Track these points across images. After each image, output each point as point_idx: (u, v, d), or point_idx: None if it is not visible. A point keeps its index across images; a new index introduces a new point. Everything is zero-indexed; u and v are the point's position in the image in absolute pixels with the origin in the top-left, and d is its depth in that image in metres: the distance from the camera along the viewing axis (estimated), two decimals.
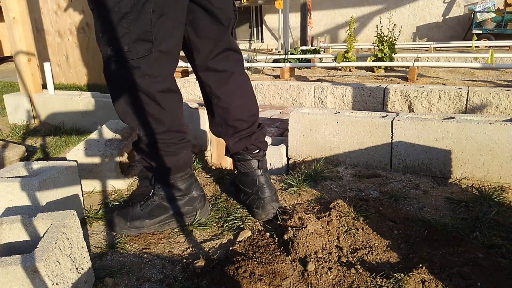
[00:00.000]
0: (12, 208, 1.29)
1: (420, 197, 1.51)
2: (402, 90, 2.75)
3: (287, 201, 1.52)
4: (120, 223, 1.34)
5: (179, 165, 1.35)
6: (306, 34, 7.24)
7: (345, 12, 8.90)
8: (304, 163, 1.94)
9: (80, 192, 1.51)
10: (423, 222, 1.31)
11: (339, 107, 3.03)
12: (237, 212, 1.46)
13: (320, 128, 1.89)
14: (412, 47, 6.77)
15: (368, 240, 1.23)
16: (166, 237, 1.34)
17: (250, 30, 10.16)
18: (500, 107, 2.49)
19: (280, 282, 1.05)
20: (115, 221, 1.35)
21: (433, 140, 1.65)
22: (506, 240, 1.18)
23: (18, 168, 1.45)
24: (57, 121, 2.86)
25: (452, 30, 7.97)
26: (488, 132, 1.55)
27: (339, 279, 1.06)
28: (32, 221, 1.04)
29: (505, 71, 4.04)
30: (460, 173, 1.63)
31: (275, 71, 4.76)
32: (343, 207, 1.36)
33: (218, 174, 1.81)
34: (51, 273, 0.89)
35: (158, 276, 1.13)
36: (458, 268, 1.06)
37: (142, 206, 1.37)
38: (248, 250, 1.21)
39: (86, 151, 1.71)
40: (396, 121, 1.71)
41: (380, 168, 1.79)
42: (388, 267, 1.10)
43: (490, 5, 7.08)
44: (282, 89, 3.23)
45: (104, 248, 1.27)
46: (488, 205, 1.39)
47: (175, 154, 1.32)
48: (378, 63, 4.19)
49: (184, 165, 1.37)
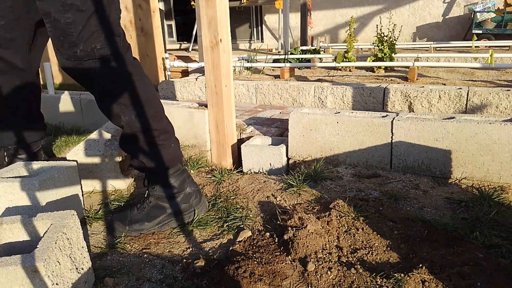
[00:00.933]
0: (12, 208, 1.29)
1: (420, 197, 1.51)
2: (402, 90, 2.75)
3: (287, 201, 1.52)
4: (119, 228, 1.34)
5: (170, 158, 1.37)
6: (306, 34, 7.24)
7: (345, 12, 8.89)
8: (304, 163, 1.94)
9: (80, 192, 1.51)
10: (423, 222, 1.31)
11: (339, 107, 3.03)
12: (237, 212, 1.46)
13: (320, 128, 1.89)
14: (412, 47, 6.77)
15: (368, 240, 1.23)
16: (166, 237, 1.34)
17: (250, 30, 10.16)
18: (500, 107, 2.49)
19: (280, 282, 1.05)
20: (114, 226, 1.35)
21: (433, 140, 1.65)
22: (506, 240, 1.18)
23: (18, 168, 1.45)
24: (57, 121, 2.86)
25: (452, 30, 7.97)
26: (488, 132, 1.55)
27: (339, 279, 1.06)
28: (32, 221, 1.04)
29: (505, 71, 4.04)
30: (460, 173, 1.63)
31: (275, 71, 4.76)
32: (343, 207, 1.36)
33: (218, 174, 1.81)
34: (51, 273, 0.89)
35: (158, 276, 1.13)
36: (458, 268, 1.06)
37: (139, 209, 1.37)
38: (248, 250, 1.21)
39: (86, 151, 1.71)
40: (396, 121, 1.71)
41: (380, 168, 1.79)
42: (388, 267, 1.10)
43: (490, 5, 7.08)
44: (282, 89, 3.22)
45: (104, 248, 1.27)
46: (488, 205, 1.39)
47: (165, 147, 1.35)
48: (378, 63, 4.19)
49: (175, 159, 1.39)
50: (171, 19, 10.40)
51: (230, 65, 1.97)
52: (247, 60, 4.68)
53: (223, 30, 1.87)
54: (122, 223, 1.35)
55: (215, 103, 1.98)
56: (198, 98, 3.69)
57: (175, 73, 4.76)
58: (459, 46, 6.25)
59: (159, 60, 4.30)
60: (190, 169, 1.92)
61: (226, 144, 2.03)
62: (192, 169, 1.93)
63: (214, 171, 1.90)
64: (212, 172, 1.89)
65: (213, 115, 2.01)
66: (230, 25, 1.91)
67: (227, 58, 1.93)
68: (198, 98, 3.69)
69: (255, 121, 2.60)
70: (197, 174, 1.89)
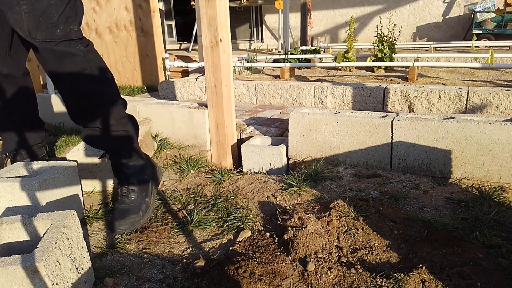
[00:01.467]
0: (12, 208, 1.29)
1: (420, 197, 1.51)
2: (402, 90, 2.75)
3: (287, 201, 1.52)
4: (120, 226, 1.36)
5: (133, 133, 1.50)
6: (306, 34, 7.24)
7: (345, 12, 8.89)
8: (304, 163, 1.94)
9: (80, 192, 1.51)
10: (423, 222, 1.31)
11: (339, 107, 3.03)
12: (237, 212, 1.46)
13: (320, 128, 1.89)
14: (412, 47, 6.77)
15: (368, 240, 1.23)
16: (166, 237, 1.34)
17: (250, 30, 10.16)
18: (500, 107, 2.48)
19: (280, 282, 1.05)
20: (115, 223, 1.37)
21: (433, 140, 1.65)
22: (506, 240, 1.18)
23: (18, 168, 1.45)
24: (57, 121, 2.86)
25: (452, 30, 7.97)
26: (488, 132, 1.55)
27: (339, 279, 1.06)
28: (32, 221, 1.04)
29: (505, 71, 4.04)
30: (460, 173, 1.63)
31: (275, 71, 4.76)
32: (343, 207, 1.36)
33: (218, 174, 1.81)
34: (51, 273, 0.89)
35: (158, 276, 1.13)
36: (458, 268, 1.06)
37: (128, 200, 1.43)
38: (248, 250, 1.21)
39: (86, 151, 1.71)
40: (396, 121, 1.71)
41: (380, 168, 1.79)
42: (388, 267, 1.10)
43: (490, 5, 7.08)
44: (282, 89, 3.22)
45: (104, 248, 1.27)
46: (488, 205, 1.39)
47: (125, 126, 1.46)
48: (378, 63, 4.19)
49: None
50: (171, 19, 10.39)
51: (230, 65, 1.97)
52: (247, 60, 4.68)
53: (223, 30, 1.87)
54: (120, 219, 1.39)
55: (215, 103, 1.98)
56: (198, 98, 3.69)
57: (175, 73, 4.76)
58: (459, 46, 6.24)
59: (159, 60, 4.30)
60: (190, 169, 1.92)
61: (226, 144, 2.03)
62: (192, 169, 1.93)
63: (214, 171, 1.90)
64: (212, 172, 1.89)
65: (213, 115, 2.01)
66: (230, 25, 1.91)
67: (227, 58, 1.93)
68: (198, 98, 3.69)
69: (255, 121, 2.60)
70: (197, 174, 1.89)
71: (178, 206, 1.55)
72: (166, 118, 2.30)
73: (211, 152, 2.13)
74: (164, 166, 2.00)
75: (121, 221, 1.35)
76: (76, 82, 1.35)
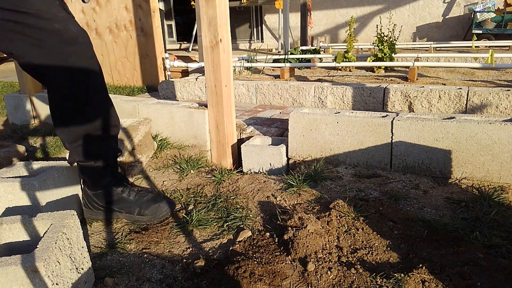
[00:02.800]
0: (12, 208, 1.29)
1: (420, 197, 1.51)
2: (402, 90, 2.75)
3: (287, 201, 1.52)
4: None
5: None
6: (306, 34, 7.24)
7: (345, 12, 8.89)
8: (304, 163, 1.94)
9: (80, 192, 1.51)
10: (423, 222, 1.31)
11: (339, 107, 3.03)
12: (237, 212, 1.46)
13: (320, 128, 1.89)
14: (412, 47, 6.77)
15: (368, 240, 1.23)
16: (166, 237, 1.34)
17: (250, 30, 10.16)
18: (500, 107, 2.48)
19: (280, 282, 1.05)
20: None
21: (433, 140, 1.65)
22: (506, 240, 1.18)
23: (18, 168, 1.45)
24: None
25: (452, 30, 7.97)
26: (488, 132, 1.55)
27: (339, 279, 1.06)
28: (32, 221, 1.04)
29: (505, 71, 4.04)
30: (460, 173, 1.63)
31: (275, 71, 4.76)
32: (343, 207, 1.36)
33: (218, 174, 1.81)
34: (51, 273, 0.89)
35: (158, 276, 1.13)
36: (458, 268, 1.06)
37: (133, 194, 1.45)
38: (248, 250, 1.21)
39: None
40: (396, 121, 1.71)
41: (380, 168, 1.79)
42: (388, 267, 1.10)
43: (490, 5, 7.08)
44: (282, 89, 3.22)
45: (104, 248, 1.27)
46: (488, 205, 1.39)
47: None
48: (378, 63, 4.19)
49: None
50: (171, 19, 10.40)
51: (230, 65, 1.97)
52: (247, 60, 4.67)
53: (223, 30, 1.87)
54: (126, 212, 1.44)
55: (215, 103, 1.98)
56: (198, 98, 3.69)
57: (175, 73, 4.76)
58: (459, 46, 6.25)
59: (159, 60, 4.30)
60: (190, 169, 1.92)
61: (226, 144, 2.03)
62: (192, 169, 1.93)
63: (214, 171, 1.90)
64: (212, 172, 1.89)
65: (213, 115, 2.01)
66: (230, 25, 1.91)
67: (227, 58, 1.93)
68: (198, 98, 3.69)
69: (255, 121, 2.60)
70: (197, 174, 1.89)
71: (178, 206, 1.55)
72: (166, 118, 2.31)
73: (211, 152, 2.13)
74: (164, 166, 2.00)
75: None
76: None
